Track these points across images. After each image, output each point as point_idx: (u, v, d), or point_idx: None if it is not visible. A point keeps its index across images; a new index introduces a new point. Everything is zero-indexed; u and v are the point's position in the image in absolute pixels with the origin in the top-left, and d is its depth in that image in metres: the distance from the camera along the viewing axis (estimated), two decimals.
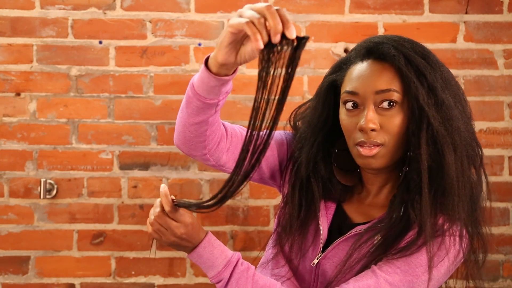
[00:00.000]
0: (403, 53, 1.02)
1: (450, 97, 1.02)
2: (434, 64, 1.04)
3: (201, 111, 1.02)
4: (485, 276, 2.04)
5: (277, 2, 2.05)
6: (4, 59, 2.03)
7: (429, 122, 0.99)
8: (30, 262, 2.02)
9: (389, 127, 1.02)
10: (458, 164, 1.00)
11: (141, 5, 2.04)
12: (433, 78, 1.01)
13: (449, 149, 1.00)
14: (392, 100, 1.02)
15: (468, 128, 1.05)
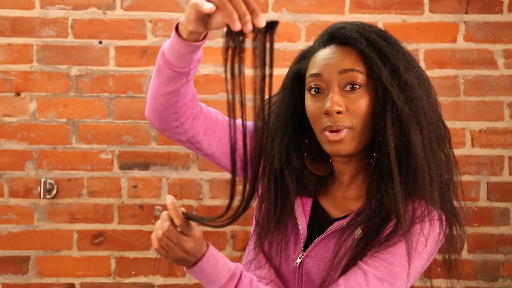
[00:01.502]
0: (365, 36, 1.02)
1: (413, 78, 1.02)
2: (396, 46, 1.04)
3: (172, 80, 0.99)
4: (485, 276, 2.05)
5: (277, 2, 2.05)
6: (4, 59, 2.03)
7: (393, 102, 0.99)
8: (30, 262, 2.02)
9: (355, 109, 1.01)
10: (426, 143, 1.00)
11: (141, 5, 2.04)
12: (396, 59, 1.01)
13: (415, 129, 0.99)
14: (356, 82, 1.01)
15: (433, 109, 1.05)
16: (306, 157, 1.10)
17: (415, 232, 1.00)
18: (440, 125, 1.06)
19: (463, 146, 2.04)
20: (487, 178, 2.04)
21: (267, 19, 0.79)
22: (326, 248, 1.04)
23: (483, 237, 2.04)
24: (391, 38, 1.05)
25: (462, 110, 2.05)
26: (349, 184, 1.10)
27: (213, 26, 0.88)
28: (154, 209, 2.03)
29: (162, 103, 1.02)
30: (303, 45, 2.04)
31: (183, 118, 1.04)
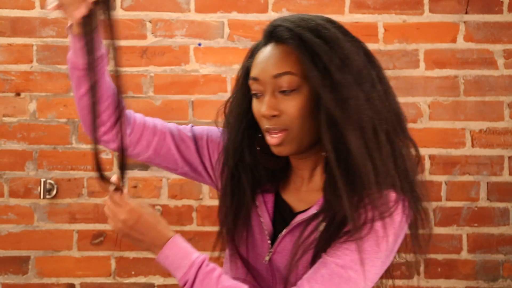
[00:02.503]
0: (298, 34, 0.99)
1: (349, 76, 0.97)
2: (332, 42, 0.99)
3: (83, 79, 1.07)
4: (485, 276, 2.05)
5: (277, 2, 2.05)
6: (4, 59, 2.03)
7: (325, 105, 0.97)
8: (30, 262, 2.02)
9: (290, 112, 1.00)
10: (370, 140, 0.97)
11: (141, 5, 2.04)
12: (329, 58, 0.97)
13: (349, 129, 0.96)
14: (289, 84, 1.00)
15: (377, 102, 1.00)
16: (259, 151, 1.10)
17: (375, 224, 0.99)
18: (389, 114, 1.02)
19: (463, 146, 2.04)
20: (487, 178, 2.04)
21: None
22: (292, 242, 1.03)
23: (483, 237, 2.04)
24: (327, 33, 1.00)
25: (462, 110, 2.05)
26: (310, 178, 1.09)
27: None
28: (154, 209, 2.03)
29: (84, 107, 1.10)
30: None
31: (104, 119, 1.12)
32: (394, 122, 1.03)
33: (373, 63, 1.04)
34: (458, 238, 2.04)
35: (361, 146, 0.96)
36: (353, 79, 0.98)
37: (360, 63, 1.00)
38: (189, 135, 1.20)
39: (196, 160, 1.19)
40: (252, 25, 2.05)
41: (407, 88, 2.05)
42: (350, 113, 0.96)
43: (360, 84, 0.98)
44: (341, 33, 1.02)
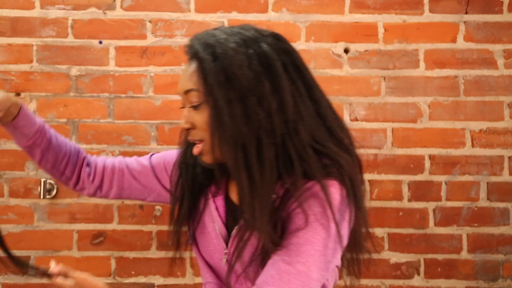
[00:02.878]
0: (196, 52, 1.05)
1: (231, 92, 1.00)
2: (221, 59, 1.02)
3: (31, 153, 1.27)
4: (485, 276, 2.05)
5: (277, 2, 2.05)
6: (4, 59, 2.03)
7: (211, 122, 1.03)
8: (30, 262, 2.02)
9: (200, 125, 1.06)
10: (242, 154, 1.01)
11: (141, 5, 2.04)
12: (214, 75, 1.01)
13: (223, 144, 1.02)
14: (195, 102, 1.06)
15: (273, 116, 1.01)
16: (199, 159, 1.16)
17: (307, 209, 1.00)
18: (280, 126, 1.02)
19: (463, 146, 2.04)
20: (487, 178, 2.04)
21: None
22: None
23: (483, 237, 2.04)
24: (219, 50, 1.03)
25: (462, 110, 2.05)
26: None
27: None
28: (154, 209, 2.03)
29: (47, 170, 1.32)
30: (303, 45, 2.04)
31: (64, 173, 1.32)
32: (292, 134, 1.02)
33: (274, 73, 1.04)
34: (458, 238, 2.04)
35: (234, 160, 1.00)
36: (236, 94, 1.01)
37: (249, 77, 1.01)
38: (146, 164, 1.31)
39: (158, 186, 1.29)
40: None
41: (407, 88, 2.05)
42: (224, 129, 1.01)
43: (243, 100, 1.00)
44: (241, 46, 1.04)
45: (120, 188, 1.32)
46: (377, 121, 2.05)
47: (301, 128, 1.03)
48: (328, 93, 2.13)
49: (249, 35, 1.06)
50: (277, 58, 1.05)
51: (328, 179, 1.01)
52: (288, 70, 1.06)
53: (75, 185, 1.34)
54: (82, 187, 1.33)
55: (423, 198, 2.04)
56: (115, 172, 1.32)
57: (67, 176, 1.32)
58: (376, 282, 2.04)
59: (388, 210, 2.04)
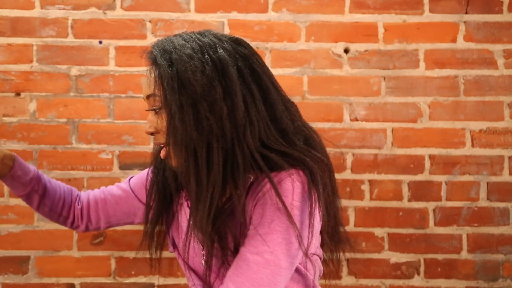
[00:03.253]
0: (155, 57, 1.07)
1: (184, 98, 1.02)
2: (175, 65, 1.04)
3: (28, 201, 1.30)
4: (485, 276, 2.05)
5: (277, 2, 2.05)
6: (4, 59, 2.03)
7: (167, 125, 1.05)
8: (30, 262, 2.02)
9: (161, 129, 1.08)
10: (192, 159, 1.03)
11: (141, 5, 2.04)
12: (168, 81, 1.03)
13: (174, 148, 1.04)
14: (156, 106, 1.08)
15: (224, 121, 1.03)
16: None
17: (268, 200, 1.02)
18: (230, 130, 1.04)
19: (463, 146, 2.04)
20: (487, 178, 2.04)
21: None
22: None
23: (483, 237, 2.04)
24: (175, 55, 1.05)
25: (462, 110, 2.05)
26: None
27: None
28: None
29: (44, 215, 1.35)
30: (303, 45, 2.04)
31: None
32: (241, 138, 1.04)
33: (228, 78, 1.05)
34: (458, 238, 2.04)
35: (184, 164, 1.03)
36: (189, 100, 1.02)
37: (202, 83, 1.03)
38: (125, 188, 1.35)
39: (140, 205, 1.33)
40: (252, 25, 2.05)
41: (407, 88, 2.05)
42: (175, 134, 1.03)
43: (195, 105, 1.02)
44: (197, 52, 1.05)
45: (106, 216, 1.36)
46: (377, 121, 2.05)
47: (248, 133, 1.04)
48: (328, 93, 2.15)
49: (206, 41, 1.07)
50: (232, 63, 1.06)
51: (290, 169, 1.03)
52: (243, 75, 1.07)
53: (72, 224, 1.38)
54: (77, 225, 1.38)
55: (423, 198, 2.04)
56: (98, 202, 1.36)
57: (64, 217, 1.36)
58: (376, 282, 2.04)
59: (388, 210, 2.05)
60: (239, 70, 1.06)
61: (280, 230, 1.00)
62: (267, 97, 1.08)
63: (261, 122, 1.06)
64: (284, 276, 1.01)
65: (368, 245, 2.04)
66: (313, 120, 2.01)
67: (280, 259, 0.99)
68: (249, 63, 1.08)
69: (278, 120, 1.08)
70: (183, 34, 1.10)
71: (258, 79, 1.08)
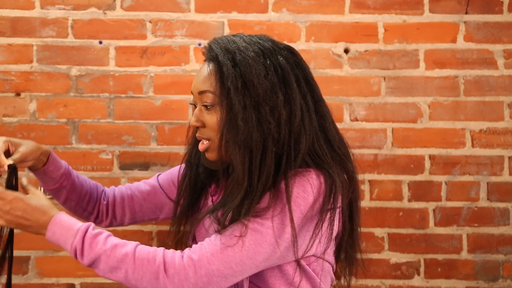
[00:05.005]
0: (216, 55, 1.10)
1: (248, 99, 1.06)
2: (240, 65, 1.08)
3: (56, 194, 1.36)
4: (485, 276, 2.05)
5: (277, 2, 2.05)
6: (4, 59, 2.03)
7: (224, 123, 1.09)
8: (30, 262, 2.02)
9: (210, 125, 1.12)
10: (248, 159, 1.06)
11: (141, 5, 2.04)
12: (232, 81, 1.07)
13: (233, 147, 1.07)
14: (208, 103, 1.11)
15: (283, 127, 1.07)
16: (203, 156, 1.22)
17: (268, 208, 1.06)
18: (286, 138, 1.08)
19: (463, 146, 2.04)
20: (487, 178, 2.04)
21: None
22: None
23: (483, 237, 2.04)
24: (239, 57, 1.08)
25: (462, 110, 2.05)
26: None
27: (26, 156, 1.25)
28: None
29: (71, 210, 1.39)
30: (303, 45, 2.04)
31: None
32: (292, 144, 1.09)
33: (288, 85, 1.10)
34: (458, 238, 2.04)
35: (240, 162, 1.06)
36: (252, 102, 1.07)
37: (265, 87, 1.07)
38: (153, 183, 1.39)
39: (167, 201, 1.37)
40: (252, 25, 2.05)
41: (407, 88, 2.05)
42: (237, 133, 1.06)
43: (257, 107, 1.07)
44: (260, 56, 1.09)
45: (132, 212, 1.39)
46: (377, 121, 2.05)
47: (303, 140, 1.08)
48: (328, 93, 2.15)
49: (267, 46, 1.12)
50: (291, 71, 1.11)
51: (313, 169, 1.09)
52: (300, 84, 1.12)
53: (95, 219, 1.41)
54: (101, 220, 1.41)
55: (423, 198, 2.04)
56: (124, 198, 1.39)
57: (89, 212, 1.39)
58: (376, 282, 2.04)
59: (388, 210, 2.04)
60: (297, 79, 1.12)
61: (279, 212, 1.04)
62: (318, 108, 1.14)
63: (312, 131, 1.11)
64: (265, 251, 1.03)
65: (368, 245, 2.04)
66: None
67: (268, 233, 1.03)
68: (304, 73, 1.15)
69: (326, 131, 1.14)
70: (244, 36, 1.14)
71: (312, 89, 1.14)
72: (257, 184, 1.05)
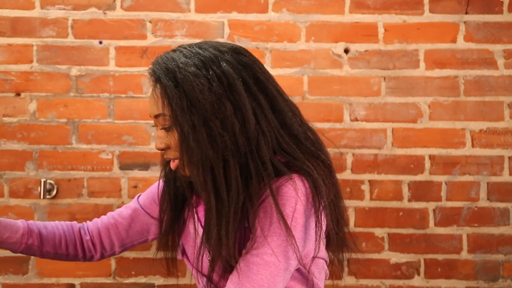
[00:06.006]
0: (159, 78, 1.07)
1: (195, 117, 1.03)
2: (182, 84, 1.04)
3: (28, 253, 1.28)
4: (485, 276, 2.05)
5: (277, 2, 2.05)
6: (4, 59, 2.03)
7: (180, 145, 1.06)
8: (30, 262, 2.02)
9: (172, 144, 1.09)
10: (209, 175, 1.05)
11: (141, 5, 2.04)
12: (177, 102, 1.04)
13: (190, 166, 1.05)
14: (165, 125, 1.08)
15: (237, 136, 1.04)
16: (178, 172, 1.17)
17: (269, 205, 1.03)
18: (244, 145, 1.05)
19: (463, 146, 2.04)
20: (487, 178, 2.04)
21: None
22: None
23: (483, 237, 2.04)
24: (179, 75, 1.05)
25: (462, 110, 2.05)
26: None
27: None
28: None
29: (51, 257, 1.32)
30: (303, 45, 2.04)
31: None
32: (254, 151, 1.05)
33: (235, 92, 1.05)
34: (458, 238, 2.04)
35: (202, 182, 1.04)
36: (200, 119, 1.03)
37: (211, 100, 1.04)
38: (134, 207, 1.34)
39: (152, 221, 1.33)
40: (252, 25, 2.05)
41: (407, 88, 2.05)
42: (191, 154, 1.04)
43: (207, 124, 1.03)
44: (201, 68, 1.05)
45: (120, 240, 1.35)
46: (377, 121, 2.05)
47: (263, 144, 1.05)
48: (328, 93, 2.15)
49: (207, 55, 1.07)
50: (237, 76, 1.06)
51: (291, 174, 1.05)
52: (249, 86, 1.07)
53: (84, 257, 1.36)
54: (90, 256, 1.36)
55: (423, 198, 2.04)
56: (109, 228, 1.35)
57: (73, 255, 1.34)
58: (376, 282, 2.04)
59: (388, 210, 2.05)
60: (244, 82, 1.06)
61: (280, 233, 1.01)
62: (275, 105, 1.09)
63: (273, 131, 1.07)
64: (283, 277, 1.02)
65: (368, 245, 2.04)
66: (313, 120, 2.01)
67: (280, 261, 1.01)
68: (252, 73, 1.08)
69: (289, 127, 1.09)
70: (183, 49, 1.10)
71: (264, 88, 1.09)
72: (228, 199, 1.03)
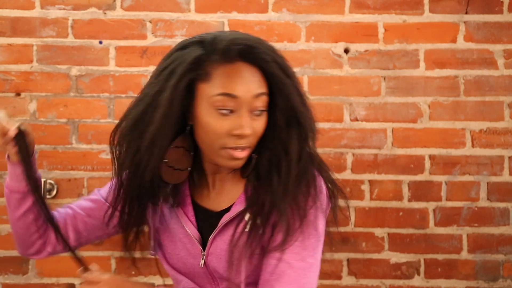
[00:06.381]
0: (275, 60, 1.08)
1: (304, 99, 1.10)
2: (280, 63, 1.09)
3: (21, 201, 1.18)
4: (485, 276, 2.05)
5: (277, 2, 2.05)
6: (4, 59, 2.03)
7: (297, 119, 1.07)
8: (30, 262, 2.02)
9: (258, 131, 1.06)
10: (303, 147, 1.08)
11: (141, 5, 2.04)
12: (295, 76, 1.09)
13: (298, 139, 1.07)
14: (263, 104, 1.06)
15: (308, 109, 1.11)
16: (166, 164, 1.13)
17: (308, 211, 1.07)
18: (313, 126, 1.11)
19: (463, 146, 2.04)
20: (487, 178, 2.04)
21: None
22: (222, 241, 1.10)
23: (483, 237, 2.04)
24: (279, 58, 1.09)
25: (462, 110, 2.05)
26: (224, 180, 1.15)
27: None
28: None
29: (21, 227, 1.21)
30: (303, 45, 2.04)
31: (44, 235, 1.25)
32: (311, 126, 1.12)
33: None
34: (458, 238, 2.04)
35: (298, 152, 1.07)
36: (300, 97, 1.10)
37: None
38: (96, 198, 1.34)
39: (115, 213, 1.29)
40: (252, 25, 2.05)
41: (407, 88, 2.05)
42: (303, 128, 1.08)
43: (303, 102, 1.09)
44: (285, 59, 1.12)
45: (76, 232, 1.32)
46: (377, 121, 2.05)
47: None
48: (328, 93, 2.15)
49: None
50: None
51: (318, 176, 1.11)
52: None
53: (43, 244, 1.30)
54: (43, 247, 1.31)
55: (423, 198, 2.04)
56: (66, 219, 1.30)
57: (39, 234, 1.26)
58: (376, 282, 2.04)
59: (388, 210, 2.05)
60: None
61: (314, 234, 1.07)
62: None
63: None
64: (316, 275, 1.09)
65: (368, 245, 2.04)
66: None
67: (319, 260, 1.08)
68: None
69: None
70: (259, 41, 1.12)
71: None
72: (306, 165, 1.08)
